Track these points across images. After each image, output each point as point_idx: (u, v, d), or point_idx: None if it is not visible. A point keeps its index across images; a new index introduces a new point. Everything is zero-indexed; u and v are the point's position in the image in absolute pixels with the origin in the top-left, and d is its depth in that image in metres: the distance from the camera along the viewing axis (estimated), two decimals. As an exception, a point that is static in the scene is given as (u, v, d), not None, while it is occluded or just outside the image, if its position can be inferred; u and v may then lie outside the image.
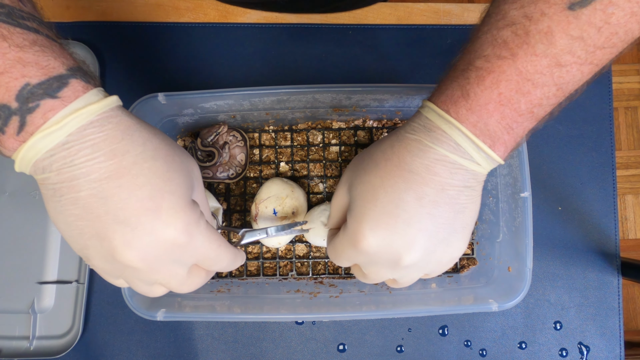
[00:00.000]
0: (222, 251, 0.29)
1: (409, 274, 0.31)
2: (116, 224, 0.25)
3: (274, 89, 0.40)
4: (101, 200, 0.24)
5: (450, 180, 0.26)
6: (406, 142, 0.27)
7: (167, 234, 0.25)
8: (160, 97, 0.40)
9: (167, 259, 0.27)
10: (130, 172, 0.25)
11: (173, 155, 0.28)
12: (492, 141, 0.25)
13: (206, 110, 0.44)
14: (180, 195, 0.26)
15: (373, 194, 0.28)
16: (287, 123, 0.50)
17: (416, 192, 0.26)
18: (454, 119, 0.25)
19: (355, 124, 0.50)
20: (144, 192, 0.25)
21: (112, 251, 0.25)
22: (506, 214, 0.44)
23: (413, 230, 0.27)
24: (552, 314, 0.50)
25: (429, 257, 0.28)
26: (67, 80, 0.24)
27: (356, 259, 0.31)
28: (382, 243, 0.28)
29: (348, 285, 0.47)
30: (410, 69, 0.53)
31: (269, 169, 0.50)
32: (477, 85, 0.25)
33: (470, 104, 0.25)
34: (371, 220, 0.28)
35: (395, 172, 0.27)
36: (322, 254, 0.49)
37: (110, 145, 0.24)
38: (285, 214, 0.44)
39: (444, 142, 0.26)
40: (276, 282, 0.48)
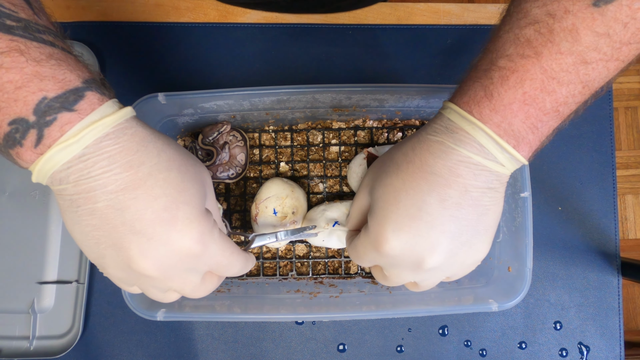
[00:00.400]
0: (234, 258, 0.30)
1: (431, 277, 0.31)
2: (132, 235, 0.25)
3: (274, 89, 0.40)
4: (118, 212, 0.25)
5: (473, 182, 0.26)
6: (428, 144, 0.27)
7: (182, 244, 0.26)
8: (161, 97, 0.40)
9: (182, 268, 0.28)
10: (146, 184, 0.25)
11: (187, 165, 0.28)
12: (517, 141, 0.25)
13: (206, 110, 0.45)
14: (194, 205, 0.27)
15: (395, 196, 0.28)
16: (287, 123, 0.50)
17: (439, 194, 0.26)
18: (477, 119, 0.25)
19: (355, 124, 0.50)
20: (160, 203, 0.25)
21: (128, 261, 0.26)
22: (506, 214, 0.44)
23: (436, 232, 0.27)
24: (552, 314, 0.50)
25: (452, 259, 0.28)
26: (83, 92, 0.24)
27: (378, 261, 0.31)
28: (404, 246, 0.28)
29: (348, 285, 0.47)
30: (410, 69, 0.53)
31: (269, 169, 0.50)
32: (500, 85, 0.24)
33: (494, 104, 0.25)
34: (393, 223, 0.28)
35: (418, 174, 0.27)
36: (322, 254, 0.49)
37: (126, 157, 0.25)
38: (285, 213, 0.44)
39: (467, 143, 0.26)
40: (276, 282, 0.48)
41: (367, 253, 0.31)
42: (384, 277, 0.33)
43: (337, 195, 0.50)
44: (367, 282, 0.47)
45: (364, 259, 0.32)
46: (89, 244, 0.26)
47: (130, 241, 0.25)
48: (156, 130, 0.28)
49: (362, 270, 0.48)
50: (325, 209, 0.45)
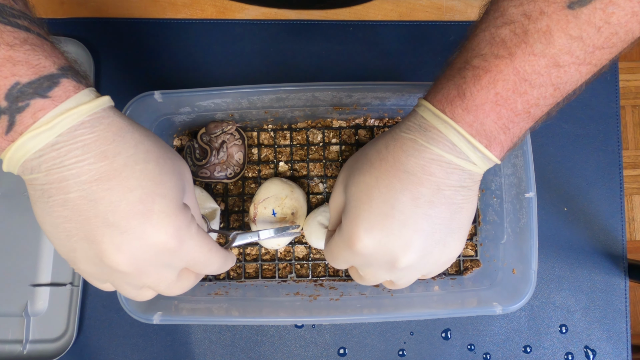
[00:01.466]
0: (212, 255, 0.30)
1: (406, 276, 0.31)
2: (105, 227, 0.25)
3: (272, 87, 0.40)
4: (91, 203, 0.24)
5: (446, 180, 0.26)
6: (401, 142, 0.27)
7: (158, 238, 0.26)
8: (157, 95, 0.40)
9: (157, 263, 0.27)
10: (121, 175, 0.25)
11: (165, 157, 0.28)
12: (489, 141, 0.26)
13: (204, 109, 0.44)
14: (171, 198, 0.27)
15: (368, 194, 0.28)
16: (287, 122, 0.50)
17: (412, 193, 0.27)
18: (449, 118, 0.26)
19: (356, 123, 0.50)
20: (135, 195, 0.25)
21: (101, 254, 0.25)
22: (510, 214, 0.44)
23: (409, 231, 0.27)
24: (557, 317, 0.50)
25: (425, 258, 0.29)
26: (58, 79, 0.24)
27: (352, 261, 0.31)
28: (377, 245, 0.28)
29: (349, 287, 0.47)
30: (412, 66, 0.53)
31: (267, 169, 0.50)
32: (473, 85, 0.25)
33: (467, 104, 0.25)
34: (366, 221, 0.28)
35: (391, 172, 0.27)
36: (322, 256, 0.49)
37: (101, 147, 0.25)
38: (285, 214, 0.44)
39: (439, 141, 0.26)
40: (275, 284, 0.48)
41: (340, 253, 0.31)
42: (360, 277, 0.33)
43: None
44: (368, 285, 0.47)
45: (339, 260, 0.32)
46: (60, 237, 0.26)
47: (103, 234, 0.25)
48: (134, 121, 0.28)
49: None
50: (324, 210, 0.45)
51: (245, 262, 0.49)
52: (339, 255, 0.31)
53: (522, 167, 0.41)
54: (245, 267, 0.49)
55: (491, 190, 0.47)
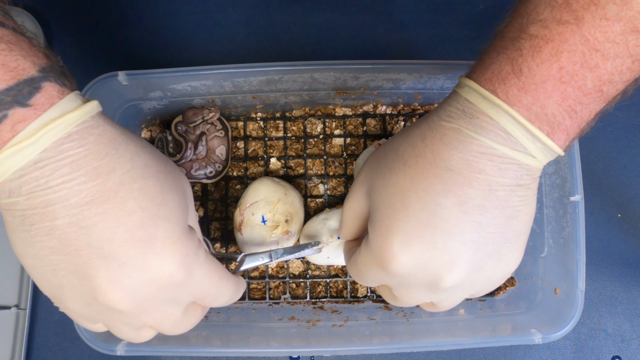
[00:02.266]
0: (223, 285, 0.31)
1: (451, 296, 0.31)
2: (100, 259, 0.25)
3: (262, 67, 0.40)
4: (82, 230, 0.25)
5: (499, 179, 0.26)
6: (441, 132, 0.27)
7: (163, 270, 0.26)
8: (121, 76, 0.40)
9: (161, 299, 0.28)
10: (117, 195, 0.25)
11: (165, 172, 0.28)
12: (551, 128, 0.25)
13: (178, 94, 0.44)
14: (176, 221, 0.27)
15: (402, 199, 0.28)
16: (279, 109, 0.50)
17: (457, 196, 0.26)
18: (502, 101, 0.25)
19: (364, 110, 0.50)
20: (134, 220, 0.25)
21: (94, 291, 0.26)
22: (552, 222, 0.43)
23: (455, 243, 0.27)
24: (609, 347, 0.49)
25: (475, 275, 0.28)
26: (39, 84, 0.24)
27: (385, 280, 0.31)
28: (417, 262, 0.28)
29: (355, 311, 0.46)
30: (432, 41, 0.52)
31: (256, 167, 0.50)
32: (531, 58, 0.24)
33: (524, 82, 0.25)
34: (402, 234, 0.27)
35: (430, 171, 0.27)
36: (322, 273, 0.49)
37: (93, 163, 0.25)
38: (277, 222, 0.44)
39: (490, 130, 0.25)
40: (265, 307, 0.48)
41: (370, 271, 0.31)
42: (394, 297, 0.33)
43: (341, 199, 0.49)
44: (378, 308, 0.47)
45: (368, 278, 0.32)
46: (44, 272, 0.26)
47: (97, 267, 0.25)
48: (127, 129, 0.28)
49: (372, 292, 0.48)
50: (326, 218, 0.45)
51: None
52: (367, 274, 0.31)
53: (567, 165, 0.41)
54: (229, 286, 0.48)
55: (529, 192, 0.47)
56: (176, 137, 0.47)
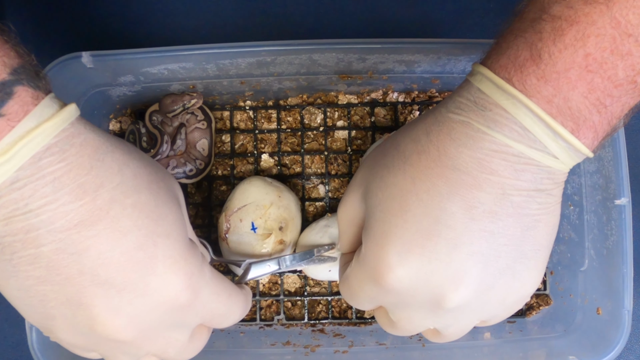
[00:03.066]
0: (232, 302, 0.32)
1: (457, 321, 0.31)
2: (96, 286, 0.26)
3: (252, 47, 0.40)
4: (72, 257, 0.25)
5: (514, 182, 0.26)
6: (449, 126, 0.27)
7: (167, 293, 0.27)
8: (86, 58, 0.40)
9: (166, 325, 0.29)
10: (109, 214, 0.26)
11: (157, 180, 0.29)
12: (576, 124, 0.25)
13: (153, 78, 0.44)
14: (176, 237, 0.28)
15: (401, 203, 0.28)
16: (272, 96, 0.50)
17: (464, 199, 0.26)
18: (519, 91, 0.25)
19: (372, 98, 0.50)
20: (131, 240, 0.26)
21: (91, 322, 0.27)
22: (594, 229, 0.44)
23: (461, 255, 0.27)
24: (662, 377, 0.49)
25: (485, 294, 0.28)
26: (11, 88, 0.24)
27: (379, 299, 0.31)
28: (416, 276, 0.28)
29: (361, 334, 0.47)
30: (453, 16, 0.53)
31: (245, 164, 0.50)
32: (553, 43, 0.24)
33: (544, 70, 0.25)
34: (399, 243, 0.28)
35: (434, 170, 0.27)
36: (322, 289, 0.49)
37: (77, 179, 0.25)
38: (269, 229, 0.44)
39: (504, 125, 0.25)
40: (256, 330, 0.48)
41: (363, 288, 0.31)
42: (390, 323, 0.33)
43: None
44: (389, 331, 0.47)
45: (360, 297, 0.32)
46: (31, 303, 0.27)
47: (93, 295, 0.26)
48: (108, 134, 0.29)
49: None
50: (328, 225, 0.45)
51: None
52: (360, 291, 0.31)
53: (611, 162, 0.41)
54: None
55: (566, 194, 0.47)
56: (150, 129, 0.47)
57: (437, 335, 0.33)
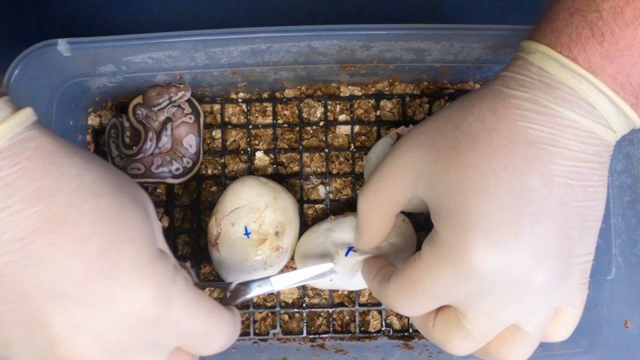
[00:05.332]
0: (215, 319, 0.31)
1: (541, 306, 0.31)
2: (54, 302, 0.26)
3: (245, 33, 0.40)
4: (27, 269, 0.25)
5: (582, 154, 0.29)
6: (516, 104, 0.29)
7: (133, 305, 0.27)
8: (62, 45, 0.40)
9: (136, 344, 0.28)
10: (66, 221, 0.26)
11: (120, 186, 0.29)
12: (636, 99, 0.28)
13: (136, 68, 0.44)
14: (142, 244, 0.28)
15: (479, 182, 0.30)
16: (267, 88, 0.50)
17: (542, 173, 0.29)
18: (585, 69, 0.28)
19: (378, 90, 0.50)
20: (91, 248, 0.26)
21: (51, 344, 0.26)
22: (622, 234, 0.43)
23: (544, 228, 0.29)
24: (695, 396, 0.49)
25: (564, 268, 0.30)
26: None
27: (455, 292, 0.31)
28: (504, 256, 0.29)
29: (365, 350, 0.46)
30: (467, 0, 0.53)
31: (237, 163, 0.50)
32: (613, 20, 0.27)
33: (607, 49, 0.27)
34: (484, 222, 0.29)
35: (508, 148, 0.29)
36: (323, 300, 0.49)
37: (31, 184, 0.26)
38: (264, 234, 0.44)
39: (573, 102, 0.28)
40: (249, 345, 0.48)
41: (436, 280, 0.31)
42: (461, 327, 0.32)
43: (347, 205, 0.49)
44: (396, 346, 0.47)
45: (429, 293, 0.32)
46: None
47: (52, 312, 0.26)
48: (67, 140, 0.29)
49: (388, 326, 0.48)
50: (331, 229, 0.45)
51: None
52: (430, 285, 0.31)
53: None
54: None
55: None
56: (135, 124, 0.47)
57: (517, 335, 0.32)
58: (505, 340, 0.33)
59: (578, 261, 0.31)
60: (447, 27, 0.41)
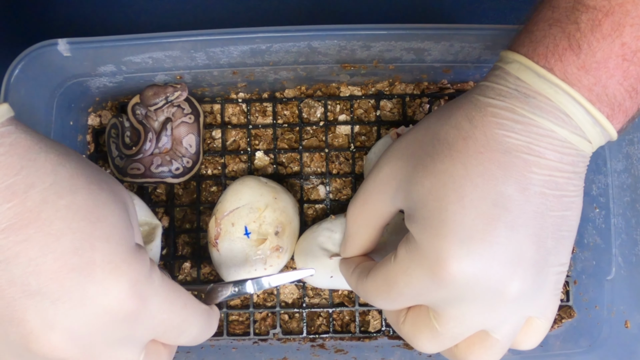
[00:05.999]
0: (189, 312, 0.32)
1: (513, 314, 0.31)
2: (27, 298, 0.26)
3: (245, 33, 0.40)
4: (0, 265, 0.25)
5: (558, 164, 0.29)
6: (492, 112, 0.30)
7: (107, 302, 0.27)
8: (62, 45, 0.40)
9: (111, 339, 0.28)
10: (40, 217, 0.26)
11: (98, 181, 0.29)
12: (612, 110, 0.29)
13: (136, 68, 0.44)
14: (118, 241, 0.28)
15: (455, 189, 0.30)
16: (268, 88, 0.50)
17: (518, 181, 0.29)
18: (561, 80, 0.28)
19: (378, 90, 0.50)
20: (65, 244, 0.26)
21: (25, 340, 0.26)
22: (622, 234, 0.43)
23: (519, 237, 0.29)
24: (696, 396, 0.49)
25: (539, 279, 0.30)
26: None
27: (428, 296, 0.31)
28: (479, 265, 0.29)
29: (365, 350, 0.47)
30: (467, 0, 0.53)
31: (237, 163, 0.50)
32: (591, 33, 0.27)
33: (583, 60, 0.28)
34: (460, 230, 0.29)
35: (484, 155, 0.29)
36: (323, 300, 0.49)
37: (5, 180, 0.25)
38: (264, 234, 0.44)
39: (549, 112, 0.29)
40: (249, 345, 0.48)
41: (411, 283, 0.31)
42: (432, 330, 0.33)
43: (347, 205, 0.50)
44: (396, 346, 0.47)
45: (403, 294, 0.32)
46: None
47: (25, 309, 0.26)
48: (46, 137, 0.29)
49: (388, 326, 0.48)
50: (331, 229, 0.45)
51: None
52: (404, 287, 0.32)
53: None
54: (201, 317, 0.48)
55: (591, 196, 0.47)
56: (135, 124, 0.47)
57: (485, 341, 0.32)
58: (473, 344, 0.33)
59: (552, 271, 0.31)
60: (447, 27, 0.41)
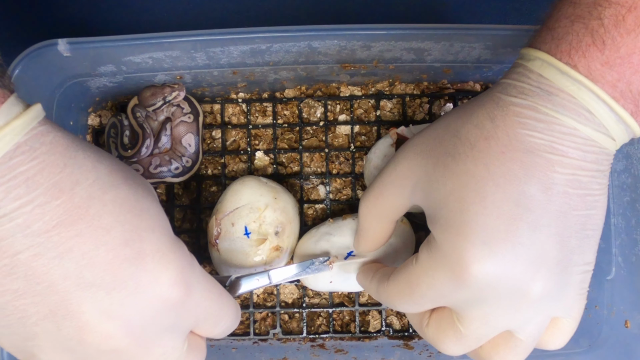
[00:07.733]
0: (224, 302, 0.33)
1: (537, 315, 0.31)
2: (83, 291, 0.27)
3: (245, 33, 0.40)
4: (54, 261, 0.26)
5: (582, 163, 0.29)
6: (514, 111, 0.30)
7: (159, 290, 0.28)
8: (62, 45, 0.40)
9: (160, 328, 0.29)
10: (89, 212, 0.27)
11: (132, 176, 0.31)
12: (636, 106, 0.28)
13: (136, 68, 0.44)
14: (162, 231, 0.30)
15: (477, 189, 0.30)
16: (268, 88, 0.50)
17: (541, 181, 0.29)
18: (585, 77, 0.28)
19: (378, 90, 0.50)
20: (115, 237, 0.27)
21: (80, 332, 0.27)
22: (622, 234, 0.44)
23: (541, 237, 0.29)
24: (696, 396, 0.49)
25: (562, 277, 0.30)
26: None
27: (451, 297, 0.31)
28: (502, 266, 0.29)
29: (365, 350, 0.47)
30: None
31: (237, 163, 0.50)
32: (614, 28, 0.27)
33: (607, 56, 0.27)
34: (482, 230, 0.29)
35: (507, 155, 0.29)
36: (323, 300, 0.49)
37: (51, 178, 0.26)
38: (264, 234, 0.44)
39: (572, 109, 0.28)
40: (249, 345, 0.48)
41: (433, 285, 0.31)
42: (455, 331, 0.33)
43: (347, 205, 0.50)
44: (396, 346, 0.47)
45: (425, 296, 0.32)
46: (8, 323, 0.27)
47: (80, 301, 0.26)
48: (74, 135, 0.29)
49: (388, 326, 0.48)
50: (329, 233, 0.45)
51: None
52: (427, 289, 0.32)
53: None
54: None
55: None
56: (135, 126, 0.47)
57: (509, 341, 0.32)
58: (497, 345, 0.33)
59: (577, 270, 0.31)
60: (447, 27, 0.41)
